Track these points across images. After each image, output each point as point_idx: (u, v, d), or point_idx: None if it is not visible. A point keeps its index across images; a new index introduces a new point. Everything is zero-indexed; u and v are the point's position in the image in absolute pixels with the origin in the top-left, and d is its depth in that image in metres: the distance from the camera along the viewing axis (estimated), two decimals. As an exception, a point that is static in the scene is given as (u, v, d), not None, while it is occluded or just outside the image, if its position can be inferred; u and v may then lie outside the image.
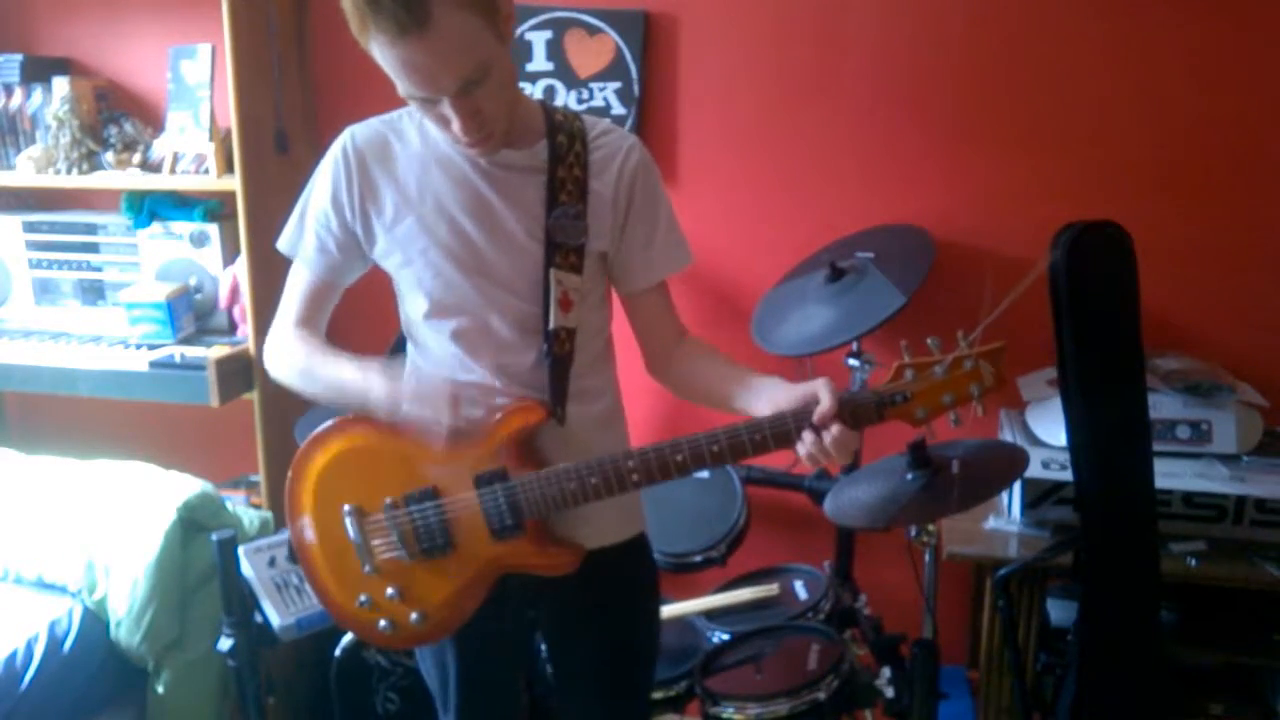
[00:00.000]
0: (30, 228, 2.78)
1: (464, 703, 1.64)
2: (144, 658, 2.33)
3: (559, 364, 1.48)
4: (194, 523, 2.38)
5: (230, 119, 2.42)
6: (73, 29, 2.83)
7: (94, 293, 2.78)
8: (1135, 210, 2.09)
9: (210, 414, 2.52)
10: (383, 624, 1.54)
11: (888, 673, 2.04)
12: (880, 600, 2.35)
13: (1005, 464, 1.92)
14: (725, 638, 2.20)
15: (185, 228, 2.66)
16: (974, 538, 2.20)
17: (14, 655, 2.20)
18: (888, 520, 1.86)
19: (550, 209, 1.45)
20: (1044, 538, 2.16)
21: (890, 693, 2.01)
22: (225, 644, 2.05)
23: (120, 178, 2.62)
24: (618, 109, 2.59)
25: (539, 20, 2.59)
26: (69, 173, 2.62)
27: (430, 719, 1.72)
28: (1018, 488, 2.17)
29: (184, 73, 2.58)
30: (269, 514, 2.56)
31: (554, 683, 1.75)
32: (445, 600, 1.52)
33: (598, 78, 2.59)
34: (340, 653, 2.39)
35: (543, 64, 2.61)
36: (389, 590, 1.52)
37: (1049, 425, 2.25)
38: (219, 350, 2.49)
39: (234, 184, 2.46)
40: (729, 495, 2.43)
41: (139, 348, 2.55)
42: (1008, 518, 2.24)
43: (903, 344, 1.39)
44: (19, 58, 2.70)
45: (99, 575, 2.36)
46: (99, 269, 2.76)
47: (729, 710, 1.98)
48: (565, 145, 1.46)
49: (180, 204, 2.68)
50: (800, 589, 2.35)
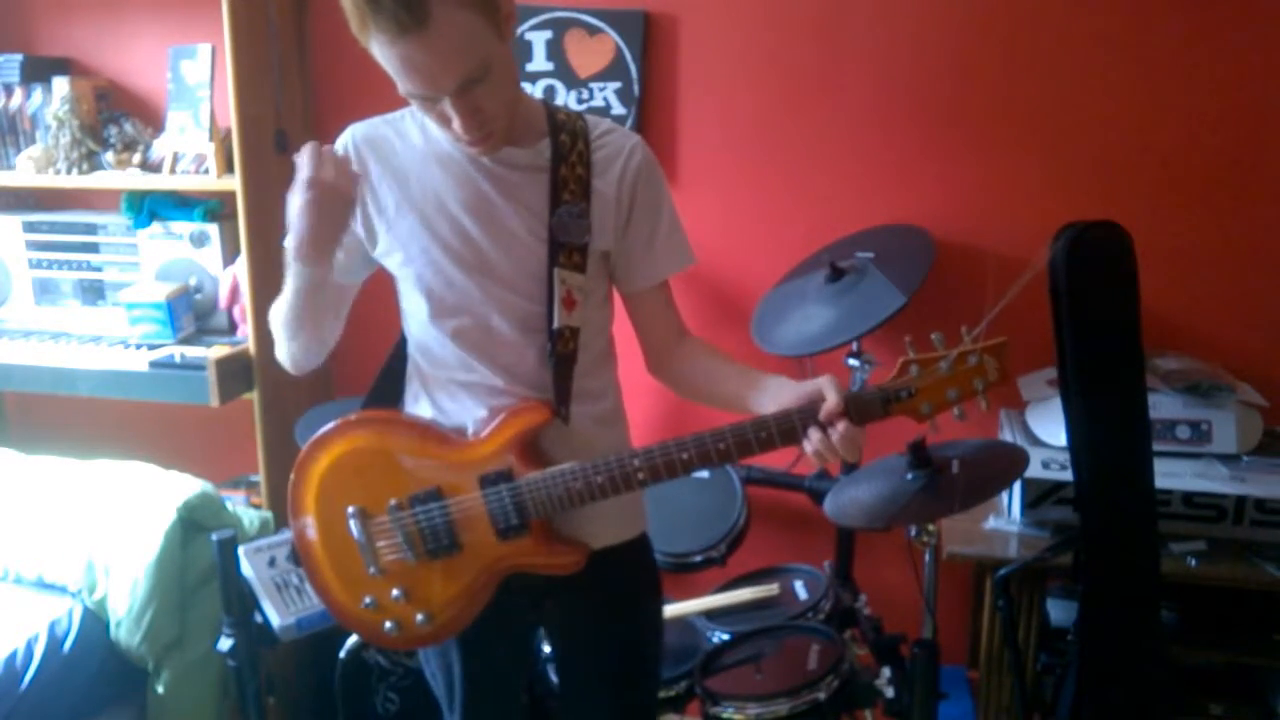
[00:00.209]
0: (30, 228, 2.78)
1: (469, 703, 1.63)
2: (144, 658, 2.33)
3: (563, 363, 1.48)
4: (194, 523, 2.38)
5: (230, 119, 2.42)
6: (73, 29, 2.82)
7: (94, 293, 2.78)
8: (1135, 210, 2.10)
9: (210, 414, 2.52)
10: (388, 625, 1.54)
11: (888, 673, 2.03)
12: (880, 600, 2.35)
13: (1005, 464, 1.92)
14: (725, 638, 2.20)
15: (185, 228, 2.66)
16: (974, 538, 2.21)
17: (14, 655, 2.20)
18: (888, 520, 1.86)
19: (553, 207, 1.45)
20: (1044, 538, 2.17)
21: (890, 693, 2.01)
22: (225, 644, 2.05)
23: (120, 178, 2.62)
24: (618, 109, 2.59)
25: (539, 20, 2.59)
26: (69, 173, 2.62)
27: (430, 719, 1.73)
28: (1018, 488, 2.18)
29: (184, 73, 2.58)
30: (269, 514, 2.56)
31: (560, 683, 1.74)
32: (451, 601, 1.52)
33: (598, 78, 2.59)
34: (345, 655, 2.39)
35: (543, 64, 2.61)
36: (394, 591, 1.52)
37: (1049, 425, 2.26)
38: (219, 350, 2.49)
39: (234, 184, 2.46)
40: (729, 495, 2.43)
41: (139, 348, 2.55)
42: (1008, 518, 2.24)
43: (907, 340, 1.39)
44: (19, 58, 2.70)
45: (99, 575, 2.36)
46: (99, 269, 2.76)
47: (729, 710, 1.98)
48: (568, 144, 1.46)
49: (180, 204, 2.67)
50: (800, 589, 2.35)
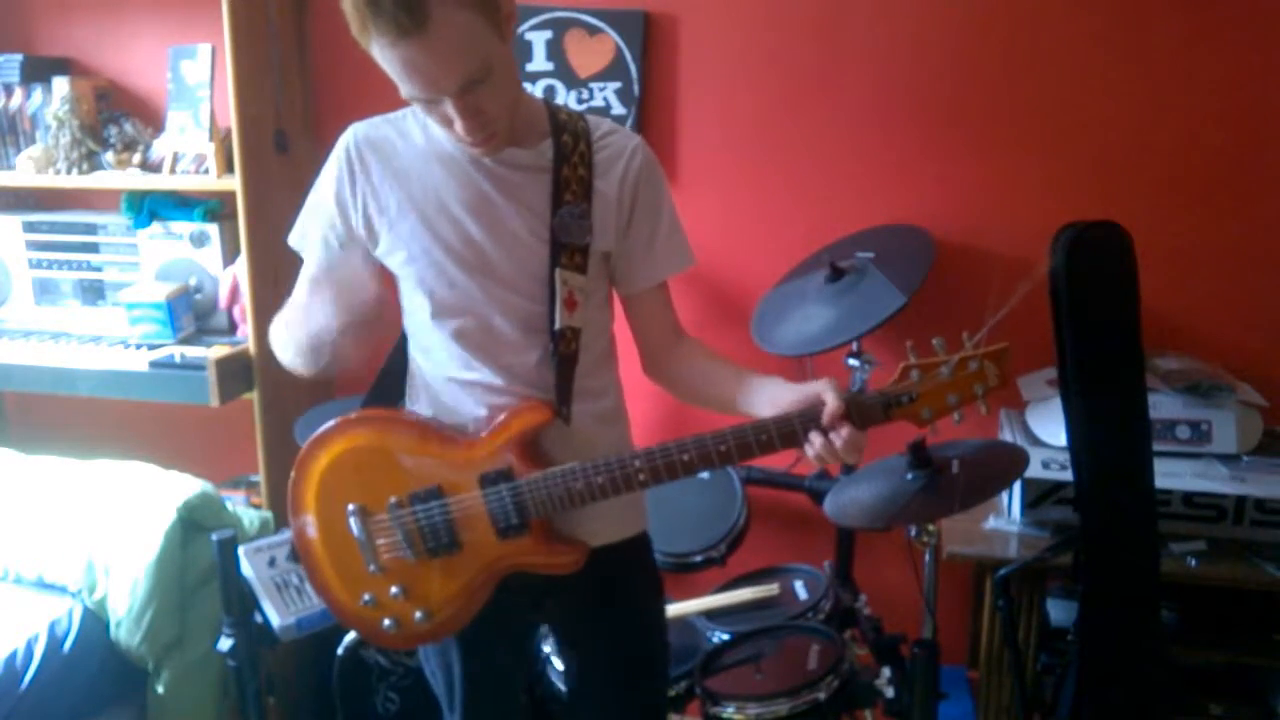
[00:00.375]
0: (30, 228, 2.78)
1: (469, 703, 1.63)
2: (144, 658, 2.33)
3: (564, 364, 1.48)
4: (194, 523, 2.38)
5: (230, 119, 2.42)
6: (73, 29, 2.82)
7: (94, 293, 2.78)
8: (1135, 210, 2.09)
9: (210, 414, 2.52)
10: (387, 623, 1.54)
11: (888, 673, 2.03)
12: (880, 600, 2.35)
13: (1005, 464, 1.92)
14: (725, 638, 2.20)
15: (185, 228, 2.66)
16: (974, 538, 2.21)
17: (14, 655, 2.20)
18: (888, 520, 1.86)
19: (555, 208, 1.45)
20: (1044, 538, 2.17)
21: (890, 693, 2.01)
22: (225, 644, 2.05)
23: (120, 178, 2.62)
24: (618, 109, 2.59)
25: (539, 20, 2.59)
26: (69, 173, 2.62)
27: (430, 719, 1.73)
28: (1018, 488, 2.18)
29: (184, 73, 2.58)
30: (269, 514, 2.56)
31: (566, 683, 1.74)
32: (450, 599, 1.52)
33: (598, 78, 2.59)
34: (342, 651, 2.39)
35: (543, 64, 2.61)
36: (393, 589, 1.52)
37: (1049, 425, 2.26)
38: (219, 350, 2.48)
39: (234, 184, 2.46)
40: (729, 495, 2.43)
41: (139, 348, 2.55)
42: (1008, 518, 2.24)
43: (908, 344, 1.39)
44: (19, 58, 2.70)
45: (99, 575, 2.36)
46: (99, 269, 2.76)
47: (729, 710, 1.98)
48: (570, 145, 1.46)
49: (180, 204, 2.67)
50: (800, 589, 2.35)
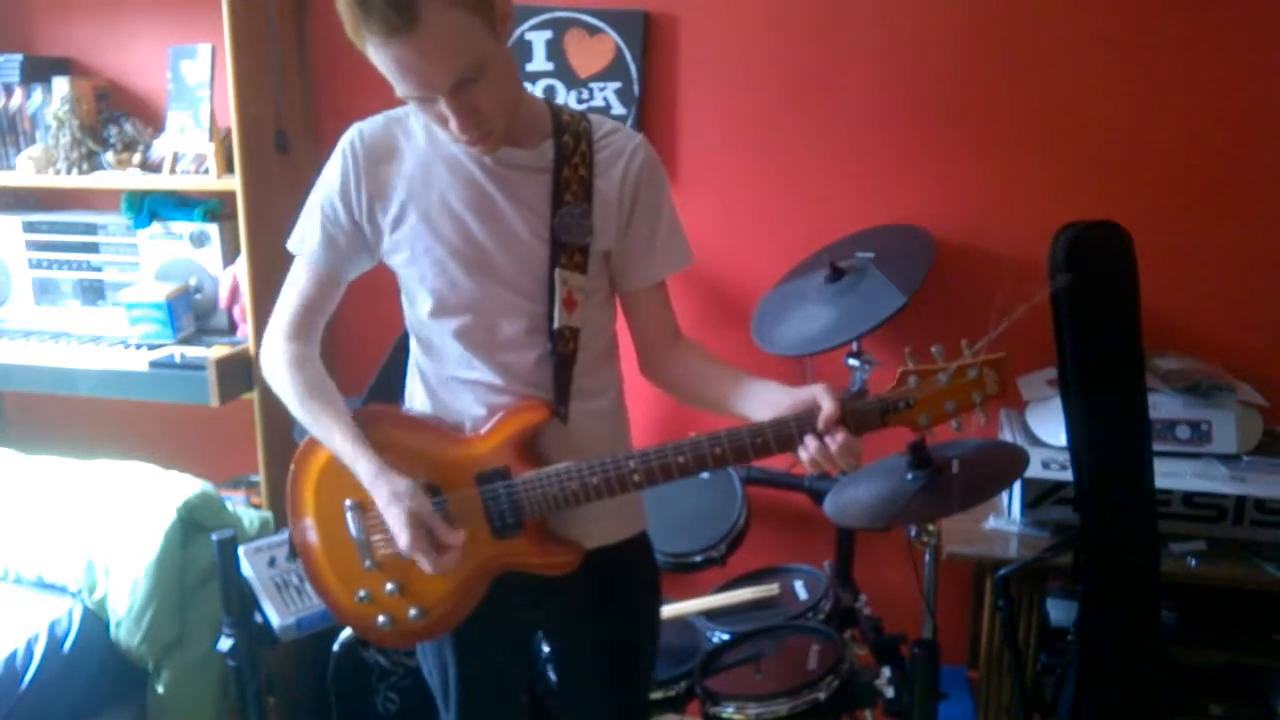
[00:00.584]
0: (30, 228, 2.78)
1: (464, 702, 1.63)
2: (144, 658, 2.33)
3: (563, 363, 1.48)
4: (194, 523, 2.38)
5: (230, 119, 2.42)
6: (73, 29, 2.82)
7: (94, 293, 2.78)
8: (1135, 210, 2.09)
9: (210, 414, 2.52)
10: (381, 619, 1.54)
11: (888, 673, 2.03)
12: (880, 600, 2.35)
13: (1005, 464, 1.92)
14: (725, 638, 2.20)
15: (185, 228, 2.66)
16: (974, 538, 2.21)
17: (14, 655, 2.20)
18: (888, 520, 1.86)
19: (555, 208, 1.45)
20: (1044, 538, 2.16)
21: (890, 693, 2.01)
22: (225, 644, 2.05)
23: (120, 178, 2.62)
24: (618, 109, 2.59)
25: (539, 20, 2.59)
26: (69, 173, 2.62)
27: (430, 719, 1.73)
28: (1018, 488, 2.17)
29: (184, 73, 2.58)
30: (269, 514, 2.56)
31: (557, 682, 1.74)
32: (444, 596, 1.52)
33: (598, 78, 2.59)
34: (339, 649, 2.39)
35: (543, 64, 2.61)
36: (388, 585, 1.52)
37: (1049, 425, 2.25)
38: (219, 350, 2.49)
39: (234, 184, 2.46)
40: (729, 495, 2.43)
41: (139, 348, 2.55)
42: (1008, 518, 2.24)
43: (906, 351, 1.39)
44: (19, 58, 2.70)
45: (99, 575, 2.36)
46: (99, 269, 2.76)
47: (729, 710, 1.98)
48: (571, 145, 1.46)
49: (180, 204, 2.68)
50: (800, 589, 2.35)
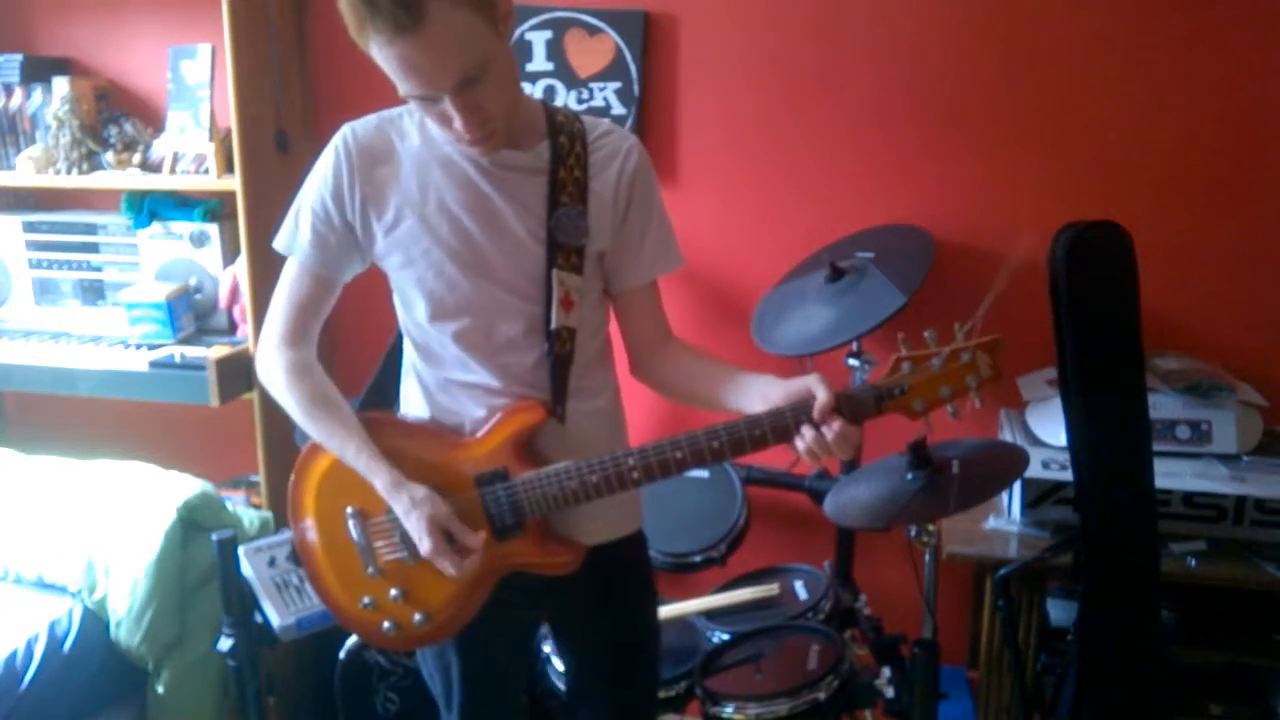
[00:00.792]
0: (30, 228, 2.78)
1: (467, 703, 1.64)
2: (144, 658, 2.33)
3: (560, 363, 1.48)
4: (194, 523, 2.38)
5: (230, 119, 2.42)
6: (73, 29, 2.82)
7: (94, 293, 2.78)
8: (1135, 210, 2.09)
9: (210, 414, 2.52)
10: (386, 625, 1.54)
11: (888, 673, 2.03)
12: (880, 600, 2.35)
13: (1005, 464, 1.92)
14: (725, 638, 2.20)
15: (185, 228, 2.65)
16: (974, 538, 2.21)
17: (14, 655, 2.20)
18: (888, 520, 1.86)
19: (552, 209, 1.45)
20: (1044, 538, 2.16)
21: (890, 693, 2.01)
22: (225, 644, 2.05)
23: (120, 178, 2.62)
24: (618, 109, 2.59)
25: (539, 20, 2.59)
26: (69, 173, 2.62)
27: (430, 719, 1.73)
28: (1018, 488, 2.17)
29: (184, 73, 2.58)
30: (269, 514, 2.56)
31: (565, 681, 1.75)
32: (448, 601, 1.52)
33: (598, 78, 2.59)
34: (345, 656, 2.39)
35: (543, 64, 2.61)
36: (392, 592, 1.52)
37: (1049, 425, 2.25)
38: (219, 350, 2.49)
39: (234, 184, 2.46)
40: (729, 495, 2.43)
41: (139, 348, 2.55)
42: (1008, 518, 2.24)
43: (900, 337, 1.39)
44: (19, 58, 2.70)
45: (99, 575, 2.36)
46: (99, 269, 2.76)
47: (729, 710, 1.98)
48: (567, 146, 1.46)
49: (180, 204, 2.67)
50: (800, 589, 2.35)
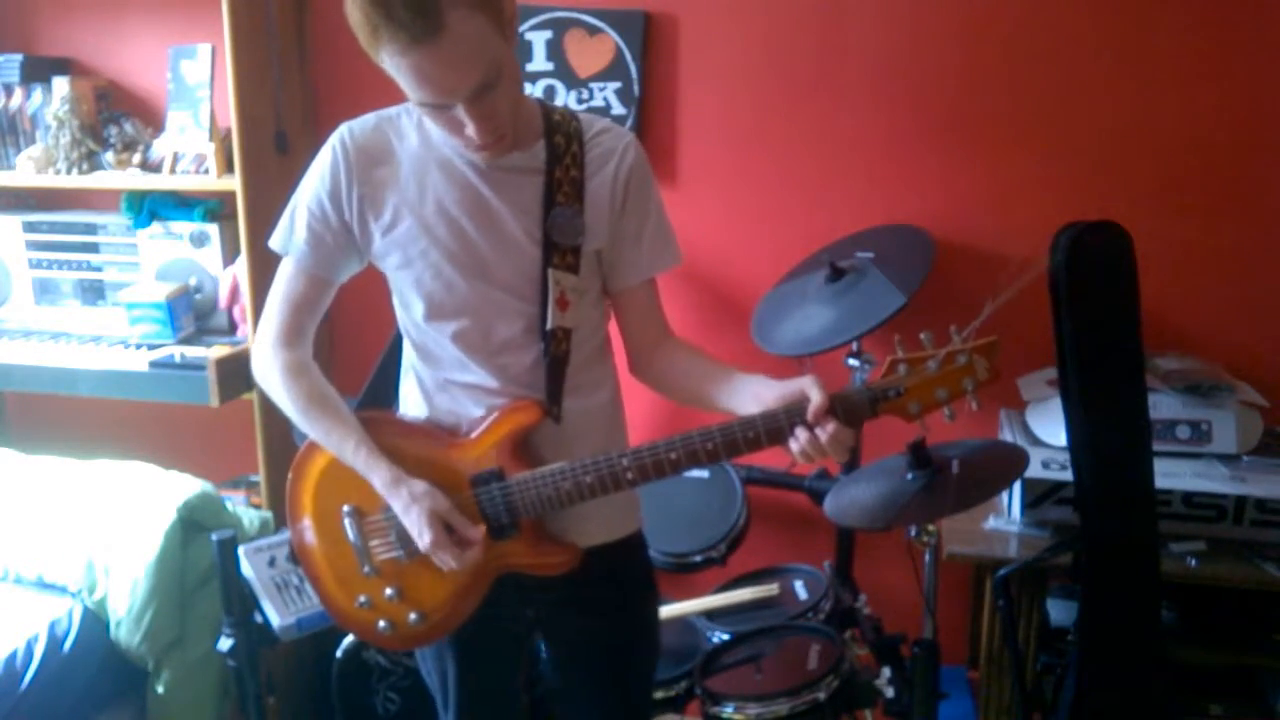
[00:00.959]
0: (30, 228, 2.78)
1: (463, 702, 1.64)
2: (144, 658, 2.33)
3: (556, 363, 1.48)
4: (194, 523, 2.38)
5: (230, 119, 2.42)
6: (73, 29, 2.82)
7: (94, 293, 2.78)
8: (1135, 210, 2.09)
9: (210, 414, 2.52)
10: (382, 624, 1.54)
11: (888, 673, 2.03)
12: (880, 600, 2.35)
13: (1005, 464, 1.92)
14: (725, 638, 2.20)
15: (185, 228, 2.65)
16: (974, 538, 2.20)
17: (14, 655, 2.20)
18: (887, 520, 1.85)
19: (548, 209, 1.45)
20: (1044, 538, 2.16)
21: (890, 693, 2.01)
22: (225, 644, 2.05)
23: (120, 178, 2.62)
24: (618, 109, 2.59)
25: (539, 20, 2.59)
26: (69, 173, 2.62)
27: (430, 719, 1.73)
28: (1018, 488, 2.17)
29: (184, 73, 2.58)
30: (269, 514, 2.56)
31: (555, 683, 1.74)
32: (443, 601, 1.52)
33: (598, 78, 2.59)
34: (342, 655, 2.39)
35: (543, 64, 2.61)
36: (387, 591, 1.52)
37: (1049, 425, 2.25)
38: (219, 350, 2.49)
39: (234, 184, 2.46)
40: (729, 495, 2.43)
41: (139, 348, 2.55)
42: (1008, 518, 2.23)
43: (896, 339, 1.39)
44: (19, 58, 2.70)
45: (99, 575, 2.36)
46: (99, 269, 2.76)
47: (729, 710, 1.98)
48: (563, 146, 1.46)
49: (180, 204, 2.68)
50: (800, 589, 2.35)
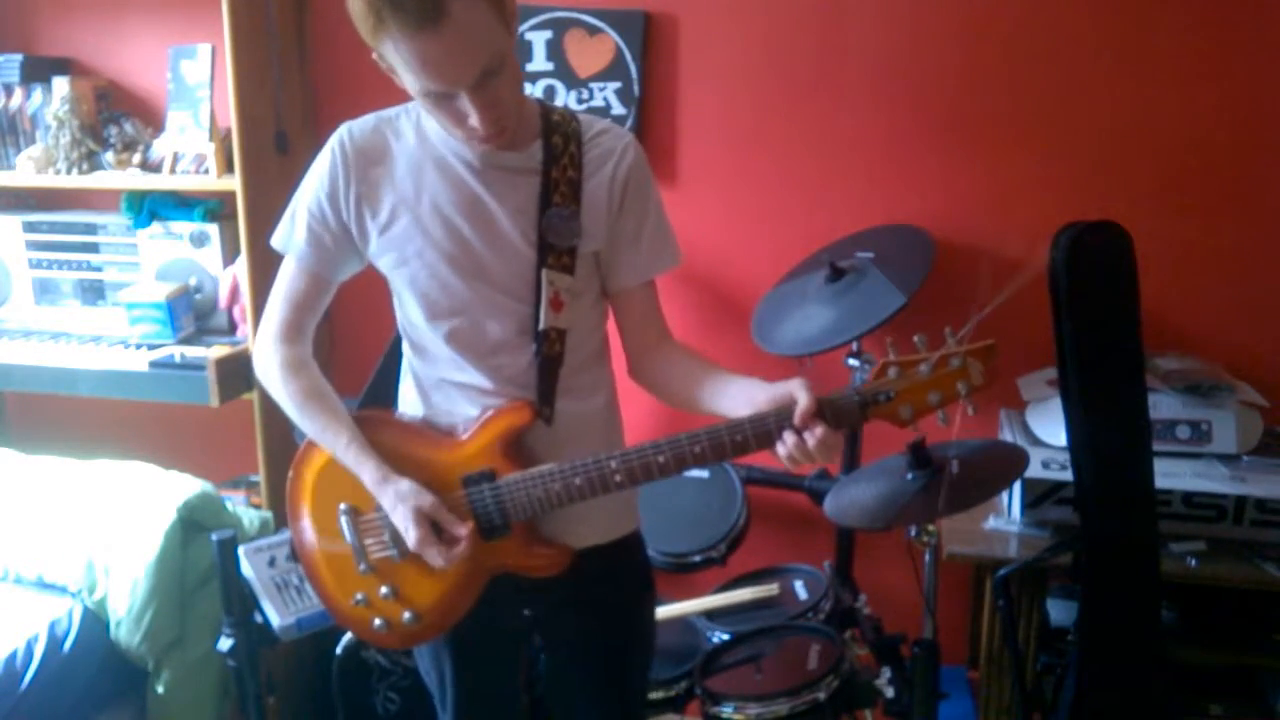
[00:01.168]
0: (30, 228, 2.78)
1: (460, 702, 1.64)
2: (144, 658, 2.33)
3: (548, 364, 1.48)
4: (194, 523, 2.38)
5: (230, 119, 2.42)
6: (73, 29, 2.82)
7: (94, 293, 2.78)
8: (1135, 210, 2.09)
9: (210, 414, 2.52)
10: (377, 622, 1.55)
11: (888, 673, 2.03)
12: (880, 600, 2.35)
13: (1005, 464, 1.92)
14: (725, 638, 2.20)
15: (185, 228, 2.65)
16: (974, 538, 2.20)
17: (14, 655, 2.20)
18: (887, 520, 1.86)
19: (543, 210, 1.45)
20: (1044, 538, 2.16)
21: (890, 693, 2.01)
22: (225, 644, 2.05)
23: (120, 178, 2.62)
24: (618, 109, 2.59)
25: (539, 20, 2.59)
26: (69, 173, 2.62)
27: (430, 719, 1.73)
28: (1018, 488, 2.17)
29: (184, 73, 2.58)
30: (269, 514, 2.56)
31: (552, 683, 1.74)
32: (437, 600, 1.52)
33: (598, 78, 2.59)
34: (341, 651, 2.39)
35: (543, 64, 2.61)
36: (382, 589, 1.53)
37: (1049, 425, 2.25)
38: (219, 350, 2.49)
39: (234, 184, 2.46)
40: (729, 495, 2.43)
41: (139, 348, 2.55)
42: (1008, 518, 2.23)
43: (888, 341, 1.37)
44: (19, 58, 2.70)
45: (99, 575, 2.36)
46: (99, 269, 2.76)
47: (729, 710, 1.98)
48: (560, 146, 1.46)
49: (180, 204, 2.68)
50: (800, 589, 2.35)
